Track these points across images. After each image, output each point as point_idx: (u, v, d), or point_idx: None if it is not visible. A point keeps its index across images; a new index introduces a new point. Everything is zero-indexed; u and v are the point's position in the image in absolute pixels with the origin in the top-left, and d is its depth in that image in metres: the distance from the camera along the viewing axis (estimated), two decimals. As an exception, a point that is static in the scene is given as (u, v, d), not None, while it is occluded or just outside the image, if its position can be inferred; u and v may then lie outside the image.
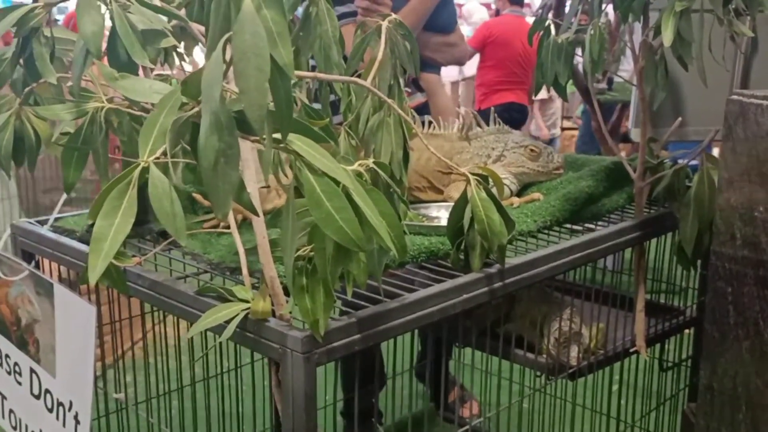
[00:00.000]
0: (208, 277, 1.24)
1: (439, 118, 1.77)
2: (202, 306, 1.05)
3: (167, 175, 0.75)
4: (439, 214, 1.56)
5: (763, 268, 1.21)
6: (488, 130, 1.74)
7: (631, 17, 1.40)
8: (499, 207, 1.16)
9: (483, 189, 1.15)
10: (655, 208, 1.66)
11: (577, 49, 1.51)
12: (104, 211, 0.74)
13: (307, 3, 1.12)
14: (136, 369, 1.68)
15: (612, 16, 2.16)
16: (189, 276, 1.26)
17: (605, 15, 1.51)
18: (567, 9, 2.09)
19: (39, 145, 1.10)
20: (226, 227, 1.18)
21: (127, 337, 1.61)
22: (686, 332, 1.85)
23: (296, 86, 1.12)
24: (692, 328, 1.84)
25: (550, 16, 3.26)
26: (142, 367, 1.71)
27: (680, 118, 1.55)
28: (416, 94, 2.38)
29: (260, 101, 0.69)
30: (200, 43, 1.00)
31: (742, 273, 1.24)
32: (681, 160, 1.55)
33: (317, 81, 1.28)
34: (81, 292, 1.17)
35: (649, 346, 1.65)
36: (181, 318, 1.14)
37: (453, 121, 1.76)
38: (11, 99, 1.09)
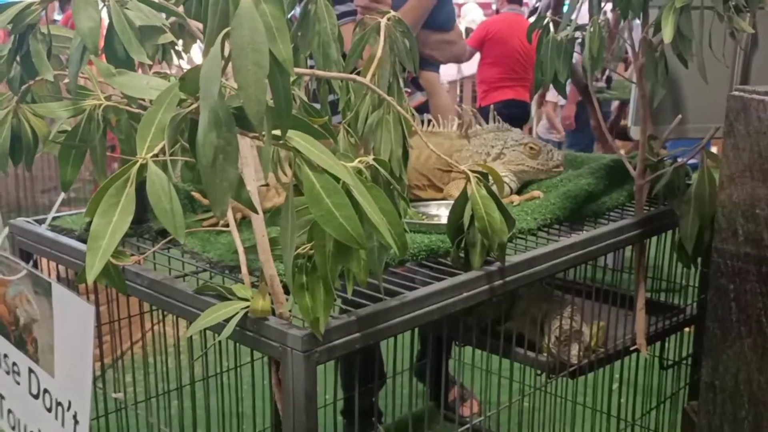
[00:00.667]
0: (208, 275, 1.24)
1: (438, 116, 1.77)
2: (202, 305, 1.05)
3: (165, 172, 0.74)
4: (439, 212, 1.56)
5: (765, 265, 1.21)
6: (488, 128, 1.74)
7: (630, 14, 1.40)
8: (500, 205, 1.15)
9: (483, 187, 1.14)
10: (656, 205, 1.66)
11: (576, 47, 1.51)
12: (102, 208, 0.73)
13: (305, 0, 1.11)
14: (136, 368, 1.67)
15: (610, 15, 2.15)
16: (188, 275, 1.26)
17: (604, 13, 1.51)
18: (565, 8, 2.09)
19: (36, 143, 1.10)
20: (226, 225, 1.18)
21: (126, 336, 1.60)
22: (686, 330, 1.85)
23: (295, 84, 1.11)
24: (692, 326, 1.83)
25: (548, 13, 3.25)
26: (141, 367, 1.70)
27: (680, 116, 1.54)
28: (416, 94, 2.39)
29: (259, 97, 0.68)
30: (198, 40, 0.99)
31: (744, 270, 1.24)
32: (680, 158, 1.55)
33: (316, 80, 1.28)
34: (80, 291, 1.16)
35: (650, 344, 1.65)
36: (181, 317, 1.14)
37: (452, 119, 1.76)
38: (8, 97, 1.08)
